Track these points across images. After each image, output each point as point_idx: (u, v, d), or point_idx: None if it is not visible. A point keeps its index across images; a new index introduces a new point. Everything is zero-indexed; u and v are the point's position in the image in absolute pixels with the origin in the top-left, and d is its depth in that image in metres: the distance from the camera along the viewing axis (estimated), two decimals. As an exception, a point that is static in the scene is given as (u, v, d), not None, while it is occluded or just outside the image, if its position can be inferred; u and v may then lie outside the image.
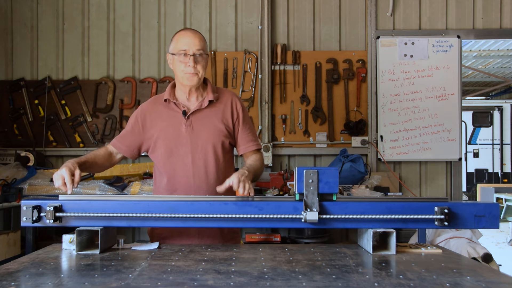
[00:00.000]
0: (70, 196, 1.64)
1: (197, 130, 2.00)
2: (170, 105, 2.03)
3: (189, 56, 1.93)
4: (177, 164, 1.99)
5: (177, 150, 1.99)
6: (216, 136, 2.00)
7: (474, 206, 1.59)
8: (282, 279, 1.24)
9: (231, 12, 4.42)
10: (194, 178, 1.98)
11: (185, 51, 1.94)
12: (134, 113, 2.10)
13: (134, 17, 4.44)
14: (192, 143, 1.99)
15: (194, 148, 1.99)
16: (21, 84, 4.39)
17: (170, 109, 2.03)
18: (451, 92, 4.32)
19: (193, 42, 1.94)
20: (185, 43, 1.94)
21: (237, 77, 4.34)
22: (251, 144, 2.08)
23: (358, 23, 4.40)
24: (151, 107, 2.08)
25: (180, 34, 1.98)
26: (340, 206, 1.58)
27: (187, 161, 1.98)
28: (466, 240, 3.43)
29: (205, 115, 2.02)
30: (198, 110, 2.01)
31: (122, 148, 2.08)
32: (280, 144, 4.33)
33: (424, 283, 1.20)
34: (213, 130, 2.00)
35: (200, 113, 2.02)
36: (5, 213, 3.52)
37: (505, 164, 9.90)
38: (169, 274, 1.29)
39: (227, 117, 2.03)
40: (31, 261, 1.45)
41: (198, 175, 1.99)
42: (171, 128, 2.01)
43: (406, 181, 4.36)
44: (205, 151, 1.99)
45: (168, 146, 2.00)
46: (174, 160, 2.00)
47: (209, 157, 1.99)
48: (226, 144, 2.03)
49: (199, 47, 1.94)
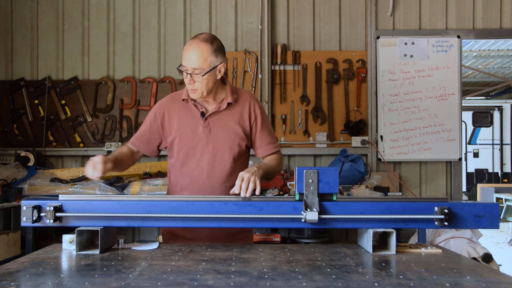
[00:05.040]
0: (70, 196, 1.65)
1: (214, 132, 1.99)
2: (188, 105, 2.02)
3: (186, 74, 1.90)
4: (193, 164, 1.99)
5: (194, 150, 1.99)
6: (232, 139, 2.00)
7: (474, 206, 1.59)
8: (282, 279, 1.24)
9: (231, 12, 4.42)
10: (209, 179, 1.98)
11: (184, 67, 1.90)
12: (152, 110, 2.09)
13: (134, 17, 4.44)
14: (208, 144, 1.98)
15: (210, 150, 1.98)
16: (21, 84, 4.39)
17: (188, 109, 2.02)
18: (451, 92, 4.32)
19: (190, 60, 1.87)
20: (185, 59, 1.89)
21: (237, 77, 4.34)
22: (270, 147, 2.06)
23: (358, 23, 4.40)
24: (169, 104, 2.06)
25: (186, 46, 1.91)
26: (340, 206, 1.58)
27: (202, 162, 1.98)
28: (466, 240, 3.43)
29: (223, 117, 2.00)
30: (216, 112, 2.00)
31: (141, 146, 2.07)
32: (280, 144, 4.32)
33: (424, 283, 1.20)
34: (230, 133, 2.00)
35: (218, 114, 2.00)
36: (5, 213, 3.52)
37: (505, 164, 9.89)
38: (169, 274, 1.29)
39: (244, 119, 2.02)
40: (31, 261, 1.45)
41: (213, 176, 1.98)
42: (188, 128, 2.00)
43: (406, 181, 4.36)
44: (222, 153, 1.98)
45: (185, 146, 2.00)
46: (190, 161, 1.99)
47: (225, 159, 1.99)
48: (243, 146, 2.02)
49: (196, 66, 1.87)
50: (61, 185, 3.57)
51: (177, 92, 2.11)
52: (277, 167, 2.03)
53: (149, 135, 2.06)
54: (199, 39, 1.91)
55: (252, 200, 1.63)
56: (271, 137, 2.08)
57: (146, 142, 2.07)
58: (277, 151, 2.09)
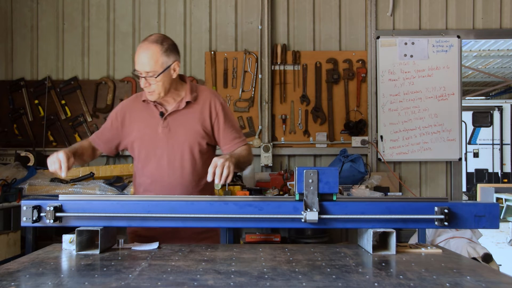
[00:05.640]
0: (70, 196, 1.65)
1: (173, 132, 1.99)
2: (149, 106, 2.03)
3: (141, 78, 1.91)
4: (153, 165, 2.00)
5: (154, 151, 2.00)
6: (192, 138, 2.00)
7: (474, 206, 1.59)
8: (282, 279, 1.24)
9: (231, 12, 4.41)
10: (170, 178, 1.99)
11: (138, 71, 1.90)
12: (114, 109, 2.11)
13: (134, 17, 4.44)
14: (168, 144, 1.99)
15: (170, 149, 1.99)
16: (21, 84, 4.39)
17: (149, 109, 2.03)
18: (451, 92, 4.31)
19: (142, 63, 1.89)
20: (138, 63, 1.90)
21: (237, 77, 4.34)
22: (236, 142, 2.05)
23: (358, 23, 4.40)
24: (131, 105, 2.08)
25: (137, 50, 1.92)
26: (340, 206, 1.58)
27: (163, 162, 1.99)
28: (466, 240, 3.43)
29: (182, 116, 2.01)
30: (175, 111, 2.00)
31: (100, 144, 2.09)
32: (280, 144, 4.32)
33: (424, 283, 1.20)
34: (189, 132, 2.00)
35: (177, 114, 2.01)
36: (5, 213, 3.52)
37: (505, 164, 9.89)
38: (169, 274, 1.29)
39: (205, 117, 2.01)
40: (31, 261, 1.45)
41: (174, 176, 1.99)
42: (148, 129, 2.01)
43: (406, 181, 4.36)
44: (181, 152, 1.99)
45: (145, 147, 2.01)
46: (151, 161, 2.01)
47: (185, 159, 1.99)
48: (203, 145, 2.02)
49: (148, 69, 1.88)
50: (61, 185, 3.57)
51: (141, 92, 2.10)
52: (247, 156, 2.03)
53: (109, 134, 2.08)
54: (148, 41, 1.91)
55: (252, 200, 1.63)
56: (236, 132, 2.07)
57: (105, 140, 2.09)
58: (244, 144, 2.07)
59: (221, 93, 4.32)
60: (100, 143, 2.09)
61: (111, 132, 2.08)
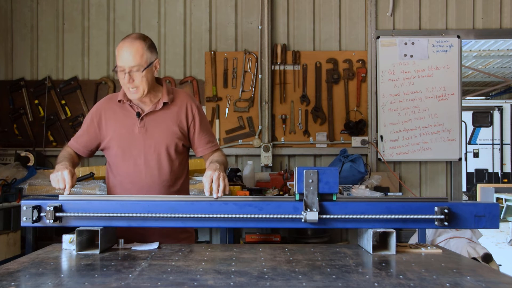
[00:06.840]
0: (70, 196, 1.65)
1: (150, 132, 2.00)
2: (125, 106, 2.03)
3: (124, 74, 1.89)
4: (130, 165, 2.01)
5: (130, 151, 2.00)
6: (169, 138, 2.01)
7: (474, 206, 1.59)
8: (282, 279, 1.24)
9: (231, 12, 4.41)
10: (147, 178, 2.00)
11: (121, 67, 1.89)
12: (90, 112, 2.10)
13: (134, 17, 4.44)
14: (145, 144, 2.00)
15: (147, 149, 2.00)
16: (21, 84, 4.39)
17: (125, 110, 2.03)
18: (451, 92, 4.31)
19: (126, 59, 1.88)
20: (121, 59, 1.89)
21: (237, 77, 4.34)
22: (209, 146, 2.09)
23: (358, 23, 4.40)
24: (105, 105, 2.08)
25: (118, 47, 1.92)
26: (340, 206, 1.58)
27: (139, 161, 2.00)
28: (466, 240, 3.43)
29: (159, 117, 2.02)
30: (152, 112, 2.01)
31: (79, 149, 2.09)
32: (280, 144, 4.32)
33: (424, 283, 1.20)
34: (166, 132, 2.01)
35: (154, 114, 2.02)
36: (5, 213, 3.52)
37: (505, 164, 9.89)
38: (169, 274, 1.29)
39: (181, 119, 2.03)
40: (31, 261, 1.45)
41: (151, 176, 2.00)
42: (124, 129, 2.01)
43: (406, 181, 4.36)
44: (158, 152, 2.00)
45: (121, 147, 2.01)
46: (127, 161, 2.01)
47: (162, 158, 2.01)
48: (180, 146, 2.04)
49: (133, 63, 1.87)
50: (61, 185, 3.56)
51: (114, 93, 2.12)
52: (226, 162, 2.08)
53: (87, 138, 2.07)
54: (131, 38, 1.94)
55: (252, 200, 1.63)
56: (210, 136, 2.11)
57: (84, 145, 2.08)
58: (217, 149, 2.11)
59: (221, 93, 4.32)
60: (80, 148, 2.08)
61: (88, 136, 2.07)
